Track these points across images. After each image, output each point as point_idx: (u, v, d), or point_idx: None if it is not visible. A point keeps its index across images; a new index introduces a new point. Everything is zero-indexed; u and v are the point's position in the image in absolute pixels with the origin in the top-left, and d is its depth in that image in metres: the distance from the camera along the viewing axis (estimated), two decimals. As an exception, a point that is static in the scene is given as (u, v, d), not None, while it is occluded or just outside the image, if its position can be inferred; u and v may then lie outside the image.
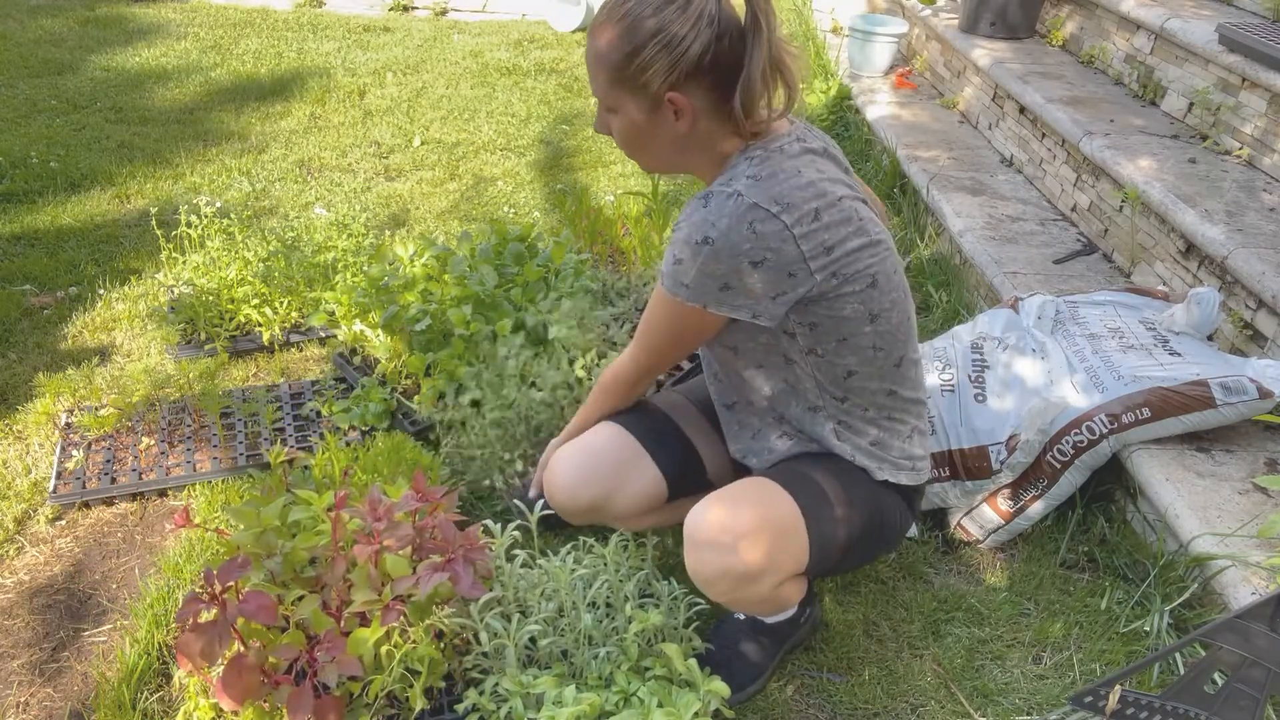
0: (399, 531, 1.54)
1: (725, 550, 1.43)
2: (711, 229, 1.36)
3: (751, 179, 1.38)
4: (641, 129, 1.43)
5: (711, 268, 1.38)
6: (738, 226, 1.35)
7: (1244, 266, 2.25)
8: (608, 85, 1.40)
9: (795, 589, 1.61)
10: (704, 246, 1.37)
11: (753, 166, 1.40)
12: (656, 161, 1.51)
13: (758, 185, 1.37)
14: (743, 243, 1.36)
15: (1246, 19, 3.13)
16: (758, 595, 1.51)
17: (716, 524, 1.44)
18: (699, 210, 1.39)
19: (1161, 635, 1.76)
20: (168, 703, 1.64)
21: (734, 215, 1.36)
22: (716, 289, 1.40)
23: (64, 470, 2.15)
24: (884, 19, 4.63)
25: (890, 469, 1.59)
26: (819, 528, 1.51)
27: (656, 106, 1.40)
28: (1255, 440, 2.03)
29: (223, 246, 2.83)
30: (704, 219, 1.37)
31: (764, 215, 1.36)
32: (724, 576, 1.46)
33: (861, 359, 1.50)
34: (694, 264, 1.38)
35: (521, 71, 5.24)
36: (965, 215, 3.13)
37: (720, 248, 1.36)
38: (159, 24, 5.76)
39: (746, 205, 1.36)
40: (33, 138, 4.01)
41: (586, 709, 1.42)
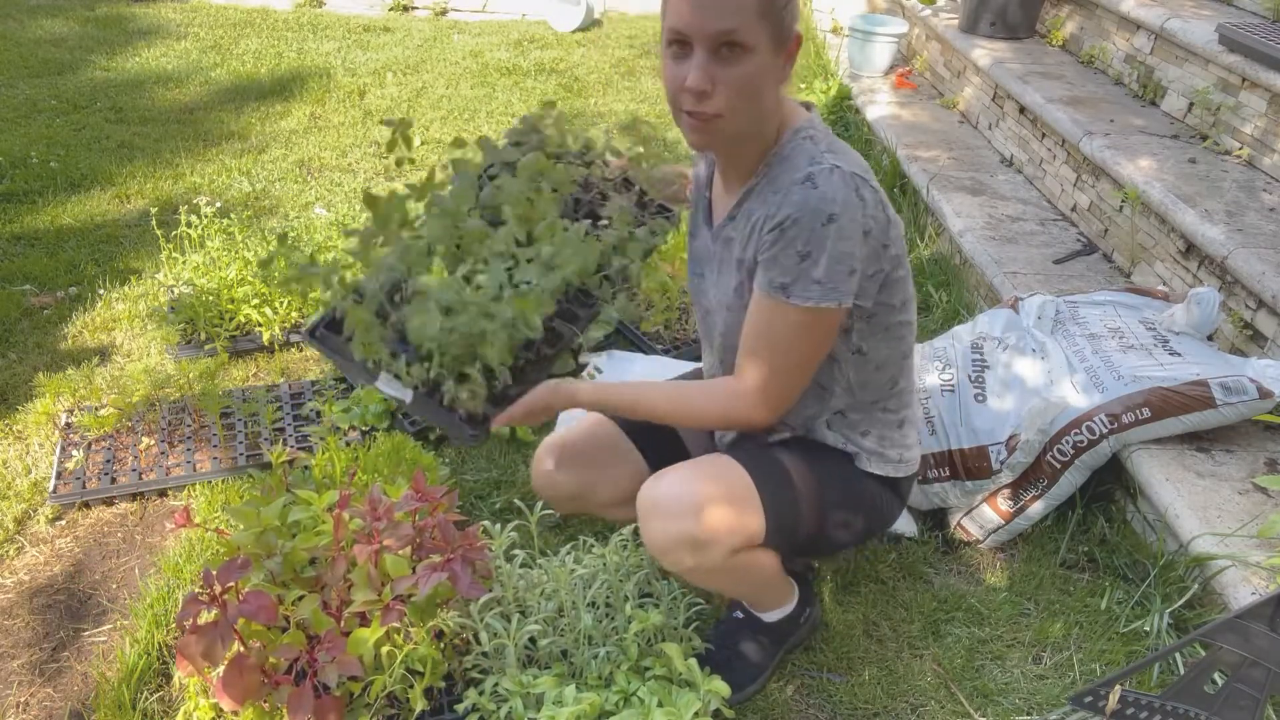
0: (399, 531, 1.54)
1: (674, 517, 1.43)
2: (831, 204, 1.30)
3: (831, 153, 1.36)
4: (767, 72, 1.31)
5: (840, 248, 1.31)
6: (850, 197, 1.31)
7: (1244, 266, 2.25)
8: (757, 15, 1.25)
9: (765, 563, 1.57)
10: (830, 226, 1.31)
11: (819, 143, 1.38)
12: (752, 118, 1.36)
13: (840, 157, 1.35)
14: (857, 212, 1.32)
15: (1246, 19, 3.13)
16: (713, 563, 1.47)
17: (666, 494, 1.44)
18: (806, 194, 1.31)
19: (1161, 635, 1.76)
20: (168, 703, 1.64)
21: (844, 186, 1.31)
22: (846, 275, 1.33)
23: (64, 470, 2.15)
24: (884, 19, 4.63)
25: (878, 461, 1.58)
26: (773, 495, 1.49)
27: (784, 45, 1.31)
28: (1255, 440, 2.03)
29: (223, 246, 2.83)
30: (818, 198, 1.31)
31: (863, 182, 1.33)
32: (677, 544, 1.44)
33: (892, 350, 1.50)
34: (823, 251, 1.31)
35: (521, 71, 5.24)
36: (965, 215, 3.13)
37: (844, 223, 1.31)
38: (159, 24, 5.76)
39: (848, 174, 1.33)
40: (33, 138, 4.01)
41: (586, 709, 1.42)
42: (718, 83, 1.28)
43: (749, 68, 1.28)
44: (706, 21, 1.25)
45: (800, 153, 1.38)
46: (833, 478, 1.56)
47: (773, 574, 1.63)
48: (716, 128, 1.33)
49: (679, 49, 1.29)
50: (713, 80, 1.28)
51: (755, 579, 1.61)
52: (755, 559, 1.54)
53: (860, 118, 4.26)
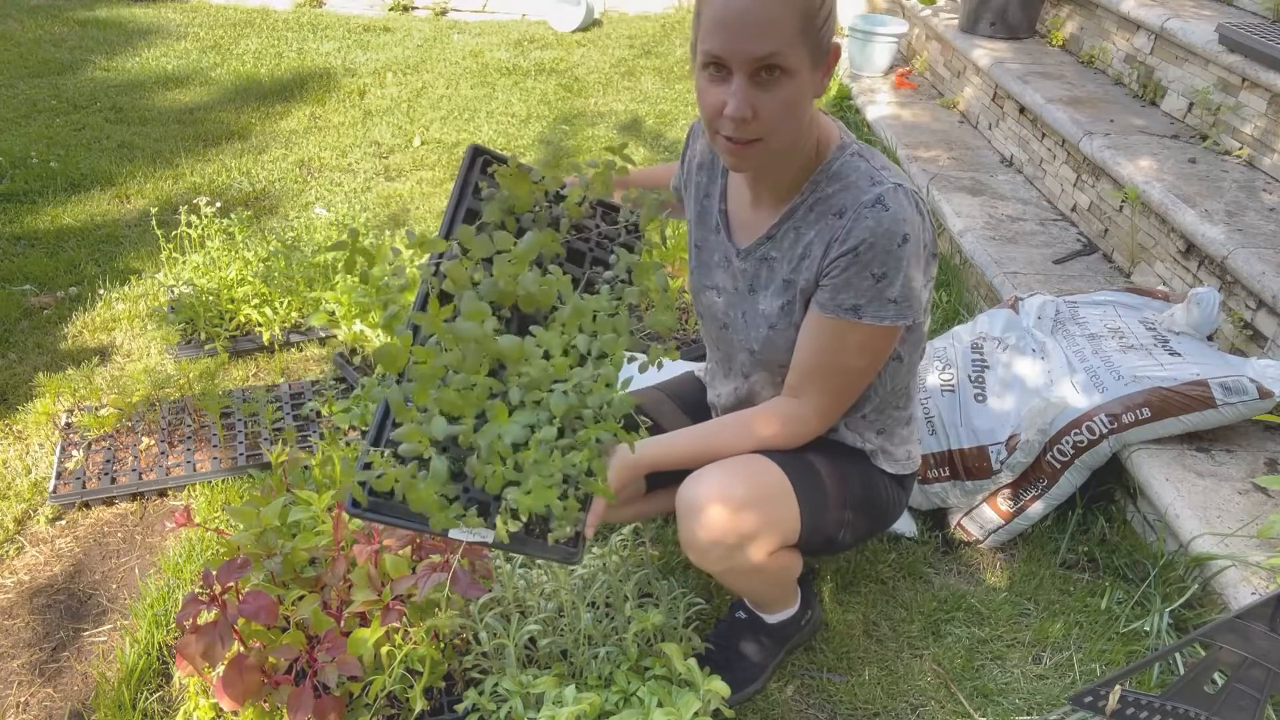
0: (398, 531, 1.54)
1: (714, 518, 1.42)
2: (906, 225, 1.31)
3: (887, 170, 1.36)
4: (806, 92, 1.26)
5: (912, 268, 1.33)
6: (914, 215, 1.33)
7: (1244, 266, 2.25)
8: (797, 38, 1.20)
9: (790, 563, 1.58)
10: (905, 246, 1.31)
11: (875, 160, 1.38)
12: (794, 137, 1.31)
13: (896, 174, 1.36)
14: (922, 231, 1.34)
15: (1246, 19, 3.13)
16: (751, 564, 1.48)
17: (707, 492, 1.43)
18: (881, 215, 1.30)
19: (1161, 635, 1.76)
20: (168, 703, 1.64)
21: (909, 205, 1.32)
22: (917, 291, 1.36)
23: (64, 470, 2.15)
24: (884, 19, 4.63)
25: (889, 460, 1.60)
26: (808, 496, 1.50)
27: (820, 61, 1.26)
28: (1255, 440, 2.03)
29: (223, 246, 2.83)
30: (894, 219, 1.30)
31: (920, 199, 1.36)
32: (717, 544, 1.44)
33: (915, 353, 1.53)
34: (899, 271, 1.32)
35: (521, 71, 5.24)
36: (965, 215, 3.13)
37: (914, 242, 1.32)
38: (159, 24, 5.76)
39: (908, 191, 1.33)
40: (33, 138, 4.01)
41: (586, 709, 1.42)
42: (758, 108, 1.23)
43: (790, 90, 1.23)
44: (747, 46, 1.19)
45: (855, 171, 1.35)
46: (853, 476, 1.57)
47: (793, 575, 1.64)
48: (756, 151, 1.29)
49: (716, 71, 1.24)
50: (753, 107, 1.23)
51: (781, 580, 1.62)
52: (786, 560, 1.56)
53: (860, 118, 4.26)
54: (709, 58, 1.23)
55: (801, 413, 1.46)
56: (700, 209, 1.58)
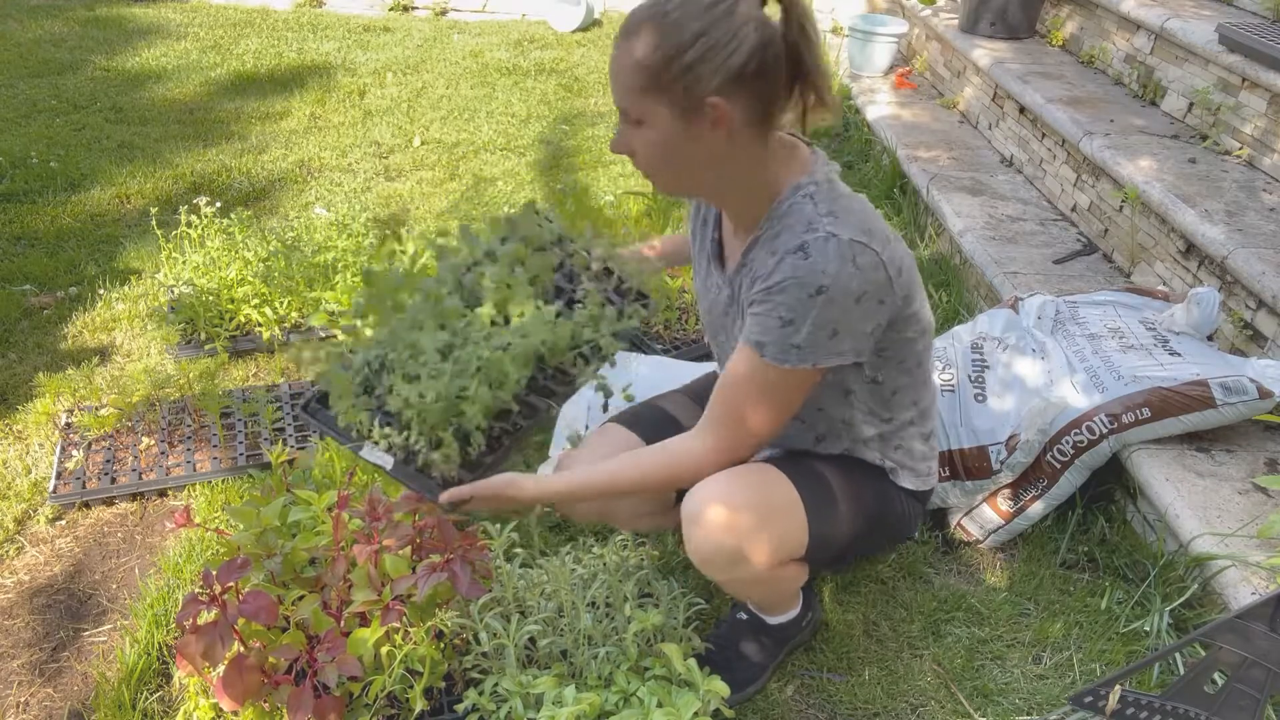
0: (398, 531, 1.54)
1: (719, 528, 1.43)
2: (823, 276, 1.29)
3: (831, 216, 1.33)
4: (671, 142, 1.32)
5: (825, 316, 1.32)
6: (845, 267, 1.30)
7: (1244, 266, 2.25)
8: (640, 92, 1.29)
9: (795, 574, 1.59)
10: (818, 297, 1.30)
11: (821, 204, 1.35)
12: (680, 181, 1.40)
13: (839, 221, 1.33)
14: (850, 281, 1.30)
15: (1246, 19, 3.13)
16: (753, 575, 1.48)
17: (712, 501, 1.44)
18: (799, 263, 1.31)
19: (1161, 635, 1.76)
20: (168, 703, 1.64)
21: (839, 256, 1.30)
22: (827, 339, 1.34)
23: (64, 470, 2.15)
24: (884, 19, 4.63)
25: (909, 476, 1.60)
26: (817, 511, 1.50)
27: (693, 114, 1.29)
28: (1255, 440, 2.03)
29: (223, 246, 2.83)
30: (809, 269, 1.30)
31: (861, 248, 1.31)
32: (719, 553, 1.45)
33: (910, 378, 1.51)
34: (806, 319, 1.32)
35: (521, 71, 5.24)
36: (965, 215, 3.13)
37: (834, 294, 1.30)
38: (159, 24, 5.76)
39: (846, 243, 1.30)
40: (33, 138, 4.01)
41: (586, 709, 1.42)
42: (632, 148, 1.35)
43: (650, 138, 1.32)
44: (613, 94, 1.34)
45: (797, 214, 1.35)
46: (869, 492, 1.57)
47: (798, 584, 1.64)
48: (656, 183, 1.41)
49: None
50: (629, 148, 1.36)
51: (784, 590, 1.63)
52: (789, 571, 1.56)
53: (860, 118, 4.26)
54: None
55: (694, 446, 1.46)
56: (700, 236, 1.63)
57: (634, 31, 1.28)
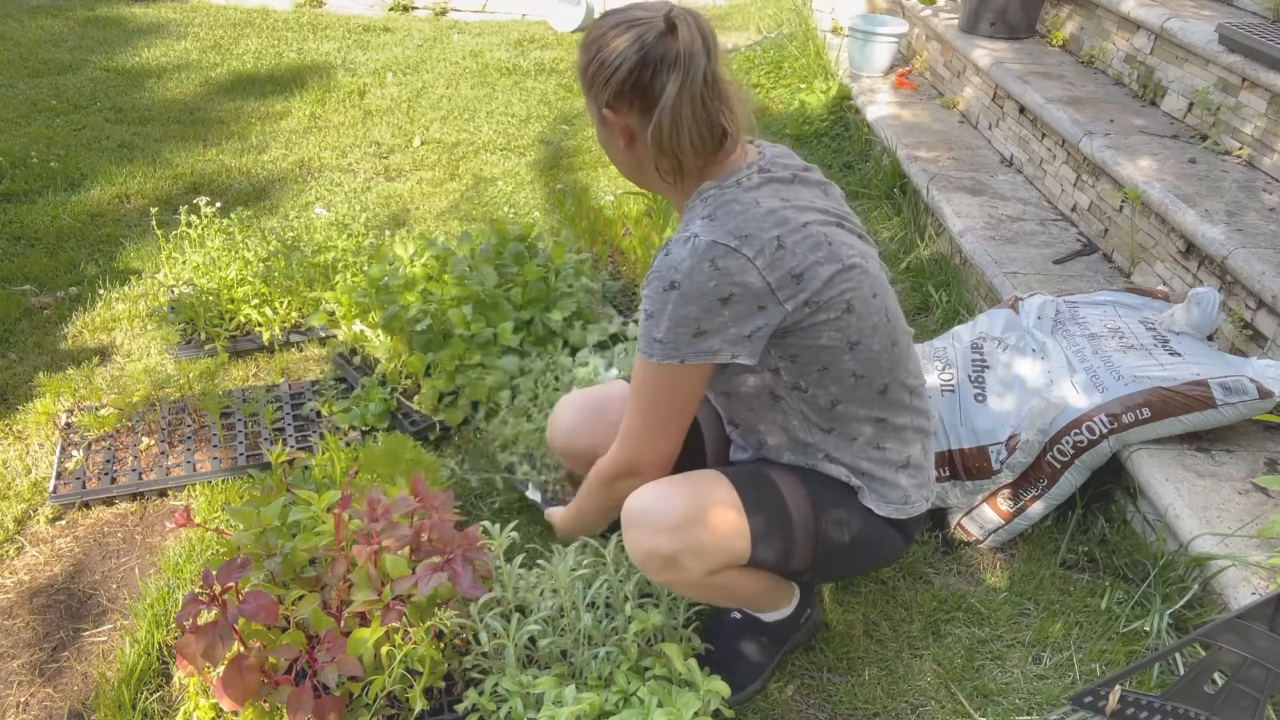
0: (398, 532, 1.54)
1: (651, 532, 1.44)
2: (674, 273, 1.36)
3: (706, 219, 1.39)
4: (601, 140, 1.52)
5: (682, 312, 1.36)
6: (699, 266, 1.35)
7: (1244, 266, 2.25)
8: (585, 94, 1.49)
9: (748, 582, 1.56)
10: (671, 292, 1.36)
11: (707, 207, 1.41)
12: (623, 173, 1.56)
13: (713, 224, 1.38)
14: (707, 281, 1.34)
15: (1246, 19, 3.13)
16: (688, 580, 1.49)
17: (646, 507, 1.46)
18: (660, 260, 1.40)
19: (1161, 635, 1.76)
20: (168, 703, 1.64)
21: (694, 256, 1.35)
22: (690, 336, 1.37)
23: (64, 470, 2.15)
24: (884, 19, 4.63)
25: (877, 500, 1.54)
26: (762, 518, 1.48)
27: (602, 120, 1.46)
28: (1255, 440, 2.03)
29: (223, 246, 2.83)
30: (665, 265, 1.38)
31: (723, 250, 1.35)
32: (650, 557, 1.46)
33: (843, 388, 1.47)
34: (664, 314, 1.37)
35: (521, 71, 5.24)
36: (965, 215, 3.13)
37: (687, 290, 1.35)
38: (159, 24, 5.77)
39: (704, 244, 1.36)
40: (33, 138, 4.01)
41: (586, 709, 1.42)
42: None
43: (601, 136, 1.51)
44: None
45: (687, 218, 1.45)
46: (829, 508, 1.53)
47: (758, 590, 1.61)
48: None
49: None
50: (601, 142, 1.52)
51: (738, 595, 1.61)
52: (735, 579, 1.53)
53: (860, 118, 4.26)
54: None
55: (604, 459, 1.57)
56: None
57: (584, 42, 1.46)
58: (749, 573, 1.54)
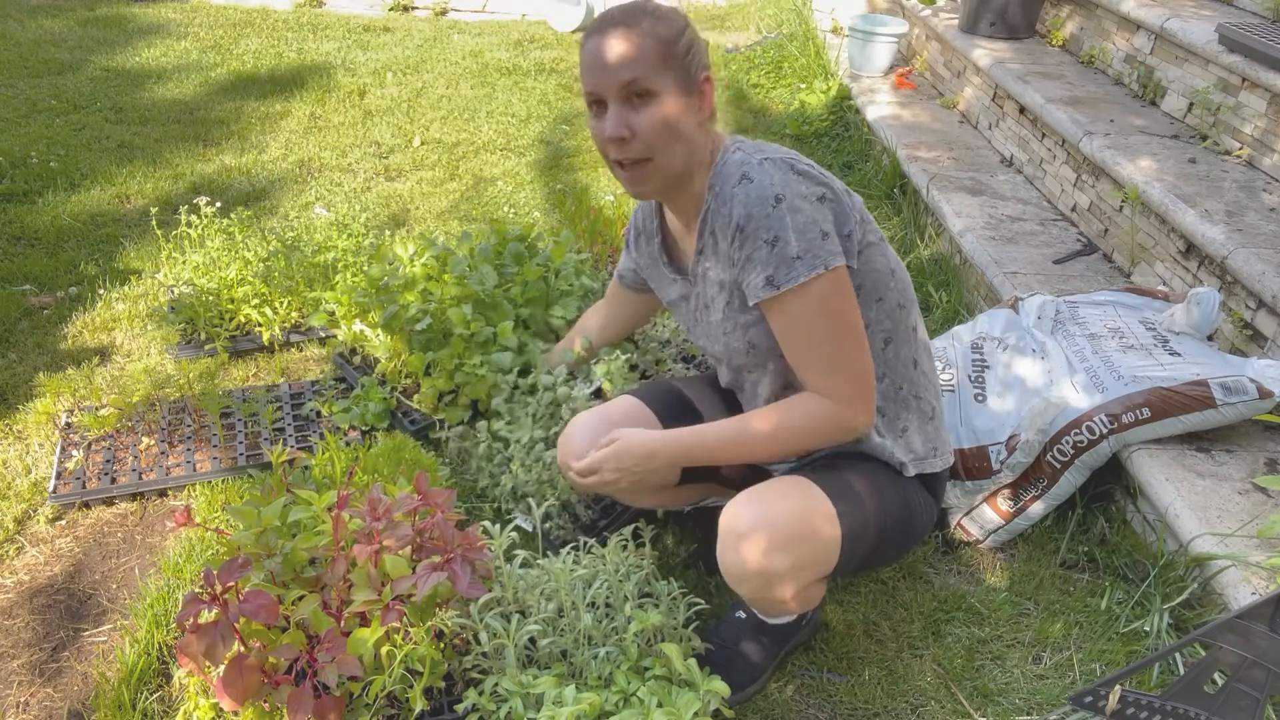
0: (398, 531, 1.54)
1: (762, 548, 1.43)
2: (771, 188, 1.37)
3: (760, 152, 1.44)
4: (681, 115, 1.42)
5: (800, 220, 1.36)
6: (787, 177, 1.38)
7: (1244, 266, 2.25)
8: (657, 65, 1.38)
9: (818, 590, 1.62)
10: (780, 206, 1.37)
11: (750, 149, 1.45)
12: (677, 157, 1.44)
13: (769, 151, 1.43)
14: (800, 185, 1.38)
15: (1246, 19, 3.13)
16: (785, 595, 1.50)
17: (755, 521, 1.43)
18: (745, 190, 1.39)
19: (1161, 635, 1.76)
20: (168, 703, 1.64)
21: (777, 169, 1.39)
22: (820, 239, 1.37)
23: (64, 470, 2.15)
24: (884, 19, 4.63)
25: (917, 464, 1.61)
26: (851, 528, 1.50)
27: (693, 90, 1.43)
28: (1255, 440, 2.03)
29: (223, 246, 2.83)
30: (757, 189, 1.38)
31: (795, 160, 1.42)
32: (759, 574, 1.45)
33: (894, 321, 1.52)
34: (787, 229, 1.36)
35: (521, 71, 5.24)
36: (965, 215, 3.13)
37: (791, 199, 1.37)
38: (159, 24, 5.77)
39: (779, 159, 1.40)
40: (33, 138, 4.01)
41: (586, 709, 1.42)
42: (634, 128, 1.40)
43: (661, 110, 1.40)
44: (612, 77, 1.39)
45: (731, 164, 1.45)
46: (891, 497, 1.57)
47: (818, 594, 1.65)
48: (648, 172, 1.45)
49: (597, 109, 1.44)
50: (629, 127, 1.40)
51: (805, 601, 1.62)
52: (817, 590, 1.58)
53: (860, 118, 4.26)
54: (589, 98, 1.44)
55: (820, 402, 1.46)
56: (650, 262, 1.72)
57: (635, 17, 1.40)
58: (823, 581, 1.59)
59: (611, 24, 1.40)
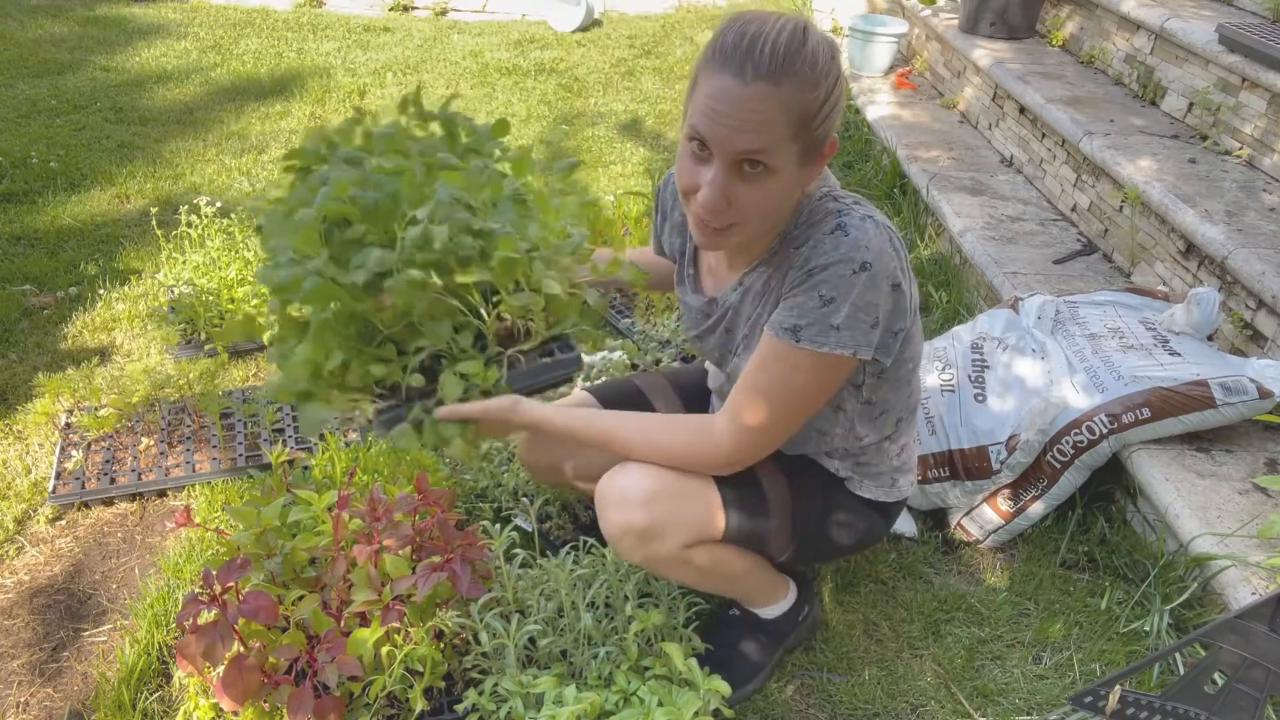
0: (398, 531, 1.54)
1: (624, 507, 1.42)
2: (866, 252, 1.24)
3: (859, 205, 1.32)
4: (790, 186, 1.26)
5: (868, 298, 1.26)
6: (885, 246, 1.26)
7: (1244, 266, 2.25)
8: (785, 138, 1.19)
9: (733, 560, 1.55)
10: (861, 274, 1.25)
11: (847, 199, 1.33)
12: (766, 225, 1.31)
13: (870, 209, 1.32)
14: (890, 262, 1.26)
15: (1246, 19, 3.13)
16: (667, 554, 1.46)
17: (618, 483, 1.44)
18: (840, 239, 1.26)
19: (1161, 635, 1.76)
20: (168, 703, 1.64)
21: (879, 235, 1.26)
22: (869, 327, 1.28)
23: (64, 470, 2.15)
24: (884, 19, 4.63)
25: (871, 485, 1.56)
26: (735, 494, 1.47)
27: (816, 157, 1.26)
28: (1255, 440, 2.03)
29: (223, 246, 2.83)
30: (852, 245, 1.25)
31: (894, 234, 1.30)
32: (625, 533, 1.44)
33: (898, 398, 1.49)
34: (848, 297, 1.25)
35: (521, 71, 5.24)
36: (965, 215, 3.13)
37: (877, 271, 1.25)
38: (159, 24, 5.76)
39: (882, 224, 1.28)
40: (33, 138, 4.01)
41: (586, 709, 1.42)
42: (735, 198, 1.23)
43: (771, 187, 1.23)
44: (733, 139, 1.18)
45: (821, 211, 1.33)
46: (813, 491, 1.54)
47: (746, 571, 1.60)
48: (729, 236, 1.29)
49: (699, 149, 1.22)
50: (729, 198, 1.23)
51: (723, 574, 1.57)
52: (718, 555, 1.52)
53: (860, 118, 4.26)
54: (694, 133, 1.22)
55: (716, 429, 1.39)
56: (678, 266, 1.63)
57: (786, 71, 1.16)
58: (730, 549, 1.53)
59: (757, 71, 1.16)
